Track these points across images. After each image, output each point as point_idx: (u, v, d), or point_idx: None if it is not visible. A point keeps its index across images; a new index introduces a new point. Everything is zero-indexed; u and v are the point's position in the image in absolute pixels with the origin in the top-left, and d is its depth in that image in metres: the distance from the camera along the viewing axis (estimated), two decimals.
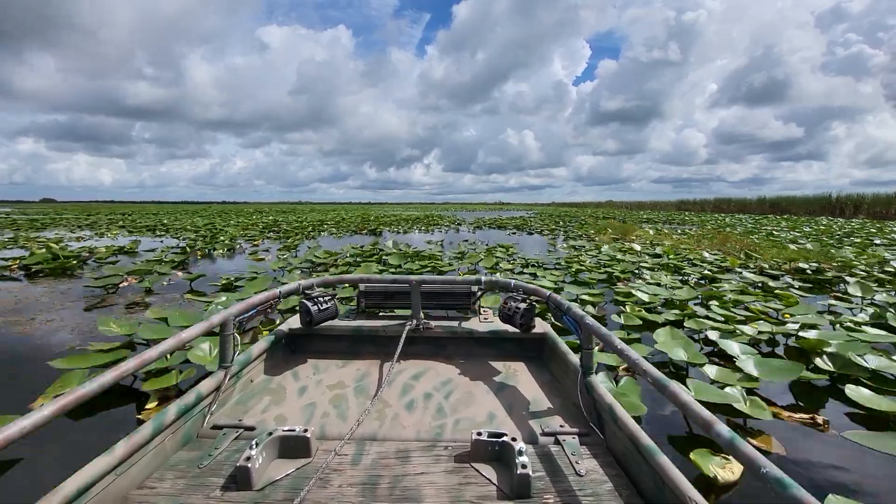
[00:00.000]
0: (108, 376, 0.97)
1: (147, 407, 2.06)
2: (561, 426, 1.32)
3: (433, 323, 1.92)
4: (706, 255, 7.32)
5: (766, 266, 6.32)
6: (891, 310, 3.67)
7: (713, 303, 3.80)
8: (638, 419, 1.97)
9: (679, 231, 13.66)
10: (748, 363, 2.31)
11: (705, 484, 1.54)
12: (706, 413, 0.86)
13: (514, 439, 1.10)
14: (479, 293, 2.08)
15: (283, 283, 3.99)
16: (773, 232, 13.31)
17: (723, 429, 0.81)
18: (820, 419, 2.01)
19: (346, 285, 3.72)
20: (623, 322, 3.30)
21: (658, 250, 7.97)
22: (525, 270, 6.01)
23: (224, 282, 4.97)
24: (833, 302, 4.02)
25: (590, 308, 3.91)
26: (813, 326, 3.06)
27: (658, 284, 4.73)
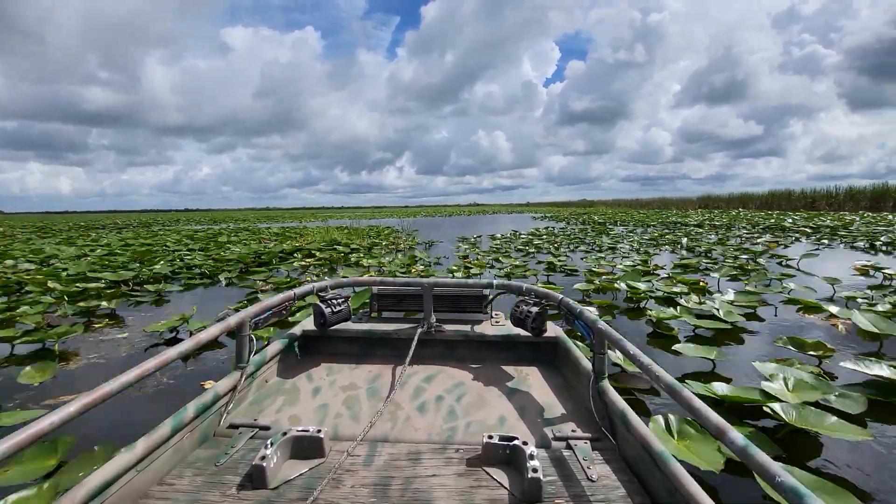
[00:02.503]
0: (130, 374, 1.01)
1: None
2: (573, 431, 1.31)
3: (445, 326, 1.93)
4: None
5: None
6: None
7: None
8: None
9: None
10: None
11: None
12: (719, 419, 0.84)
13: (525, 443, 1.10)
14: (491, 296, 2.08)
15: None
16: None
17: (736, 436, 0.79)
18: None
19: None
20: None
21: None
22: None
23: None
24: None
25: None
26: None
27: None
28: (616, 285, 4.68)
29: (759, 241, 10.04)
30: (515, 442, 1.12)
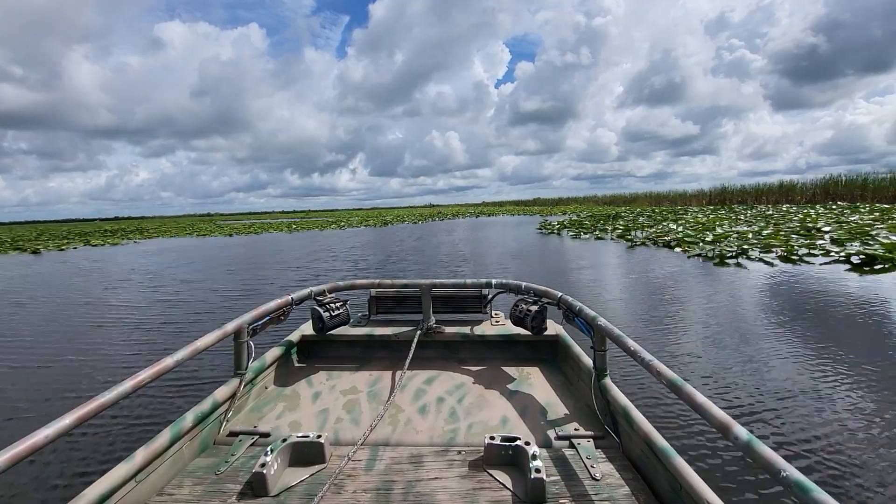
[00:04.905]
0: (126, 385, 1.00)
1: None
2: (575, 429, 1.30)
3: (445, 327, 1.92)
4: None
5: None
6: None
7: None
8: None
9: None
10: None
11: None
12: (723, 415, 0.84)
13: (527, 443, 1.09)
14: (491, 296, 2.07)
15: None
16: None
17: (741, 431, 0.79)
18: None
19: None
20: None
21: None
22: None
23: None
24: None
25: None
26: None
27: None
28: None
29: None
30: (518, 442, 1.11)
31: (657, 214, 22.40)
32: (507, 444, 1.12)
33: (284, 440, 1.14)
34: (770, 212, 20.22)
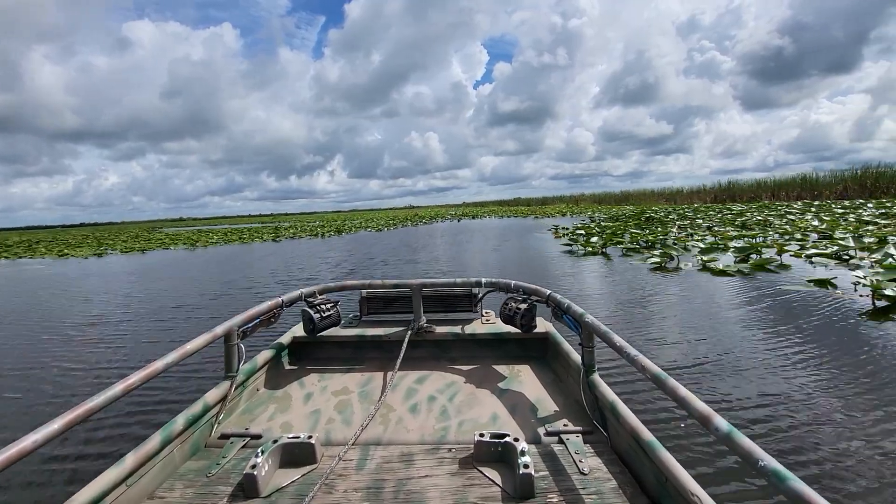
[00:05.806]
0: (116, 389, 1.00)
1: None
2: (565, 425, 1.32)
3: (435, 326, 1.93)
4: None
5: None
6: None
7: None
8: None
9: None
10: None
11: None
12: (704, 407, 0.86)
13: (516, 440, 1.11)
14: (481, 295, 2.09)
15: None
16: None
17: (721, 422, 0.81)
18: None
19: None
20: None
21: None
22: None
23: None
24: None
25: None
26: None
27: None
28: None
29: None
30: (507, 439, 1.13)
31: (709, 216, 15.25)
32: (496, 440, 1.14)
33: (275, 441, 1.14)
34: (881, 210, 12.68)
